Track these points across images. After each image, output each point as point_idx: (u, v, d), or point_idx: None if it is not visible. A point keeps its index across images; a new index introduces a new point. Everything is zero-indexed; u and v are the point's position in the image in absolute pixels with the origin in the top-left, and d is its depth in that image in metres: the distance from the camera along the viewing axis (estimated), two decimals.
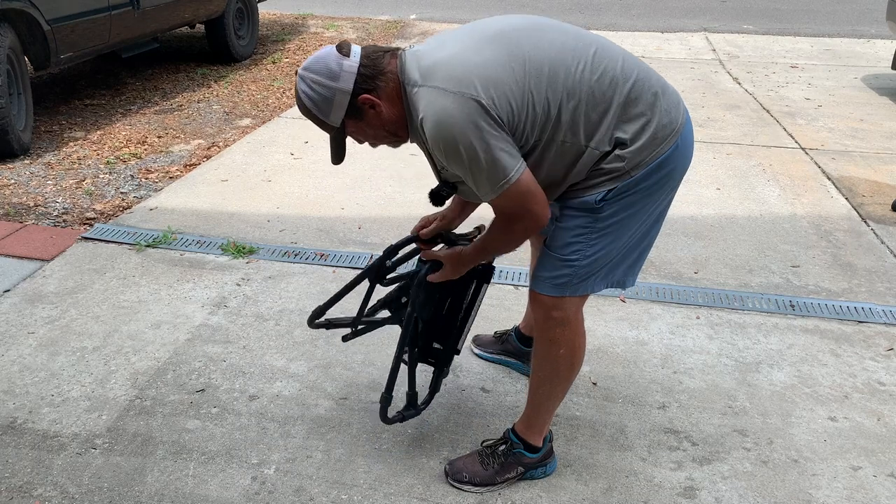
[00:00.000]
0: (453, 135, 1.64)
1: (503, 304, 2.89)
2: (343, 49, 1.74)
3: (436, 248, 2.04)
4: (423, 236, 2.09)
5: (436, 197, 1.89)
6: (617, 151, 1.72)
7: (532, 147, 1.73)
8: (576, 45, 1.73)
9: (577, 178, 1.76)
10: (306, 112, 1.79)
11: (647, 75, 1.77)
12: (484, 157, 1.64)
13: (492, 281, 2.22)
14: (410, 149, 2.27)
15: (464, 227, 2.13)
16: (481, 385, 2.45)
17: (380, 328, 2.28)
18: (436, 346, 2.17)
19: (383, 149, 2.63)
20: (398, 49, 1.79)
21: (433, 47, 1.76)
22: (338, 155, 1.86)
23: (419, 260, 2.06)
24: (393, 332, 2.69)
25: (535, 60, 1.68)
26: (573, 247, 1.80)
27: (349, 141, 1.87)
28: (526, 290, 2.88)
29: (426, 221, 2.12)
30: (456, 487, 2.02)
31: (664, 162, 1.76)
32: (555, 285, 1.84)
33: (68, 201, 3.91)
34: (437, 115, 1.65)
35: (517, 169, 1.67)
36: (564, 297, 1.85)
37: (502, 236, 1.83)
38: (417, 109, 1.69)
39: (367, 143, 1.89)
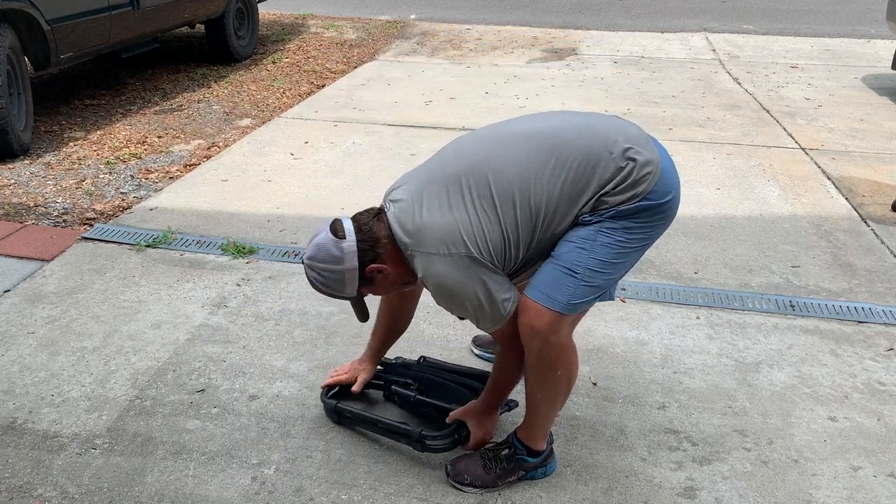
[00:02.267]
0: (455, 292, 1.82)
1: None
2: (338, 232, 1.88)
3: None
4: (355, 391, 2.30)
5: None
6: (601, 198, 1.79)
7: (525, 258, 1.86)
8: (533, 155, 1.81)
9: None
10: (322, 292, 1.95)
11: (606, 138, 1.81)
12: (486, 302, 1.81)
13: None
14: (410, 148, 2.27)
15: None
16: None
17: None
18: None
19: (383, 150, 2.63)
20: (381, 210, 1.92)
21: (410, 205, 1.84)
22: (363, 314, 2.03)
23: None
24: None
25: (501, 190, 1.79)
26: (576, 254, 1.80)
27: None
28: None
29: (342, 373, 2.34)
30: (457, 488, 2.02)
31: (661, 203, 1.81)
32: (556, 300, 1.80)
33: (68, 201, 3.91)
34: (436, 278, 1.81)
35: (512, 300, 1.83)
36: (563, 315, 1.81)
37: (513, 357, 1.94)
38: (417, 270, 1.85)
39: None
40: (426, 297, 2.90)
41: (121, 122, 5.17)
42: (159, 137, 4.88)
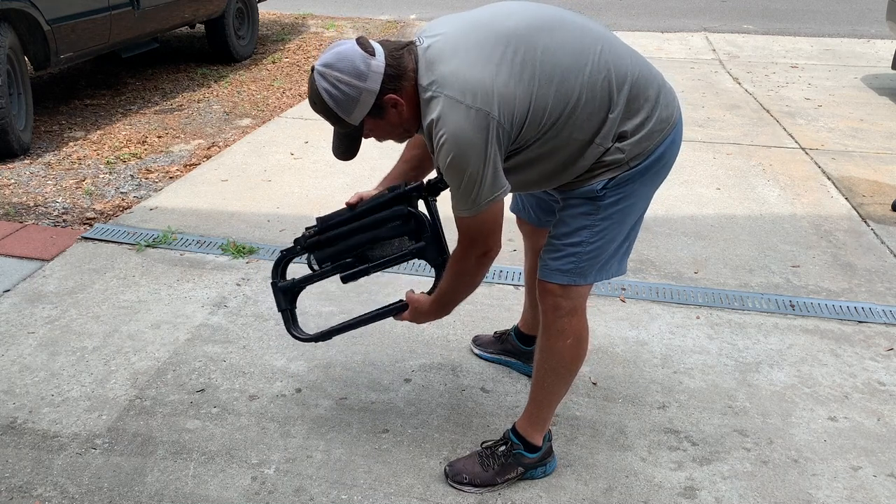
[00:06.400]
0: (461, 150, 1.66)
1: (503, 304, 2.89)
2: (367, 47, 1.72)
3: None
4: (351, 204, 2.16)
5: (433, 189, 1.92)
6: (617, 144, 1.77)
7: (534, 141, 1.76)
8: (584, 44, 1.75)
9: (579, 171, 1.80)
10: (324, 110, 1.76)
11: (649, 71, 1.82)
12: (483, 175, 1.68)
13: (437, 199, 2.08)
14: None
15: None
16: (481, 385, 2.45)
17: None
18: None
19: (383, 149, 2.63)
20: (411, 44, 1.77)
21: (446, 50, 1.73)
22: (350, 151, 1.84)
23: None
24: (390, 330, 2.70)
25: (546, 67, 1.71)
26: (578, 234, 1.84)
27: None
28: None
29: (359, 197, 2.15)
30: (456, 489, 2.02)
31: (662, 153, 1.82)
32: (562, 272, 1.86)
33: (68, 201, 3.91)
34: (449, 127, 1.66)
35: (502, 195, 1.73)
36: (572, 285, 1.86)
37: (459, 266, 1.85)
38: (430, 113, 1.70)
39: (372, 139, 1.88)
40: None
41: (121, 122, 5.17)
42: (159, 137, 4.88)
